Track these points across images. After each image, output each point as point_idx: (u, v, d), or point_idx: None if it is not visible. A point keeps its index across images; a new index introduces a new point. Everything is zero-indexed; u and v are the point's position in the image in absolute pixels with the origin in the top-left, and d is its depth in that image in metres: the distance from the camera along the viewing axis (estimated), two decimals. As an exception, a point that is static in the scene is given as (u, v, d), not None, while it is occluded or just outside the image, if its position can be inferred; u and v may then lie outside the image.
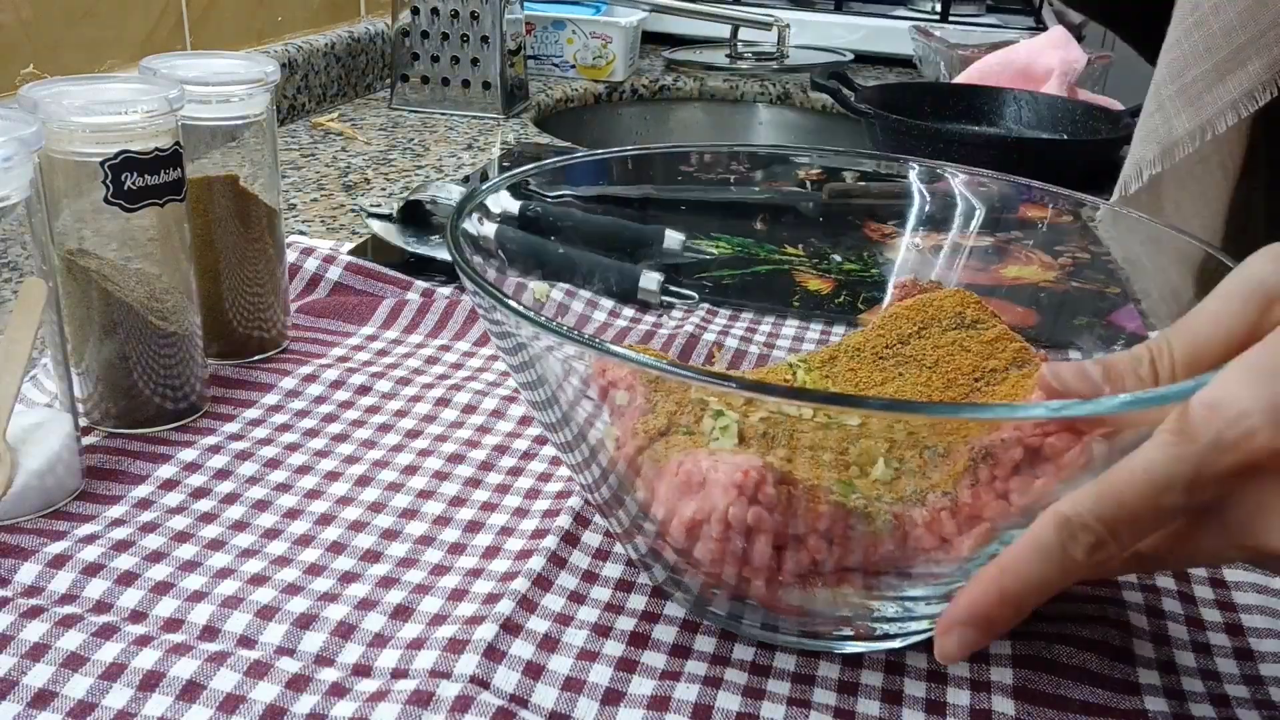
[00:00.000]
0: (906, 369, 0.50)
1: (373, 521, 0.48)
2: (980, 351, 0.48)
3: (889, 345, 0.51)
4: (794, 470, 0.42)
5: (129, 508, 0.48)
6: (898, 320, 0.52)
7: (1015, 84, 1.23)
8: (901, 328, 0.51)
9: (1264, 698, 0.41)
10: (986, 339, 0.49)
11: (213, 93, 0.56)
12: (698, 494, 0.39)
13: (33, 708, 0.37)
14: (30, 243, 0.46)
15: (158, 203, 0.50)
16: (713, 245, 0.71)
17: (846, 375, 0.51)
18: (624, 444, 0.46)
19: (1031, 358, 0.48)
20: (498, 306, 0.37)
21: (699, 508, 0.39)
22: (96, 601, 0.42)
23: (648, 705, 0.39)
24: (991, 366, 0.47)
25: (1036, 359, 0.48)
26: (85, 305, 0.51)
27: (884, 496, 0.41)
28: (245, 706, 0.37)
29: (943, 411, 0.38)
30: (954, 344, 0.49)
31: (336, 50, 1.24)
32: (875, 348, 0.51)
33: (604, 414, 0.41)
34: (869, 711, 0.39)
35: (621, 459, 0.46)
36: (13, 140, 0.43)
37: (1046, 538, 0.33)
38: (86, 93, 0.49)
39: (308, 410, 0.57)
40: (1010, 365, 0.47)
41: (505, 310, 0.37)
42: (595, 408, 0.40)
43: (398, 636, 0.41)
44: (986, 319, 0.50)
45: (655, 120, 1.49)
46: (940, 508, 0.40)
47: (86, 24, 0.90)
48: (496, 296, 0.37)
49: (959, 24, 1.68)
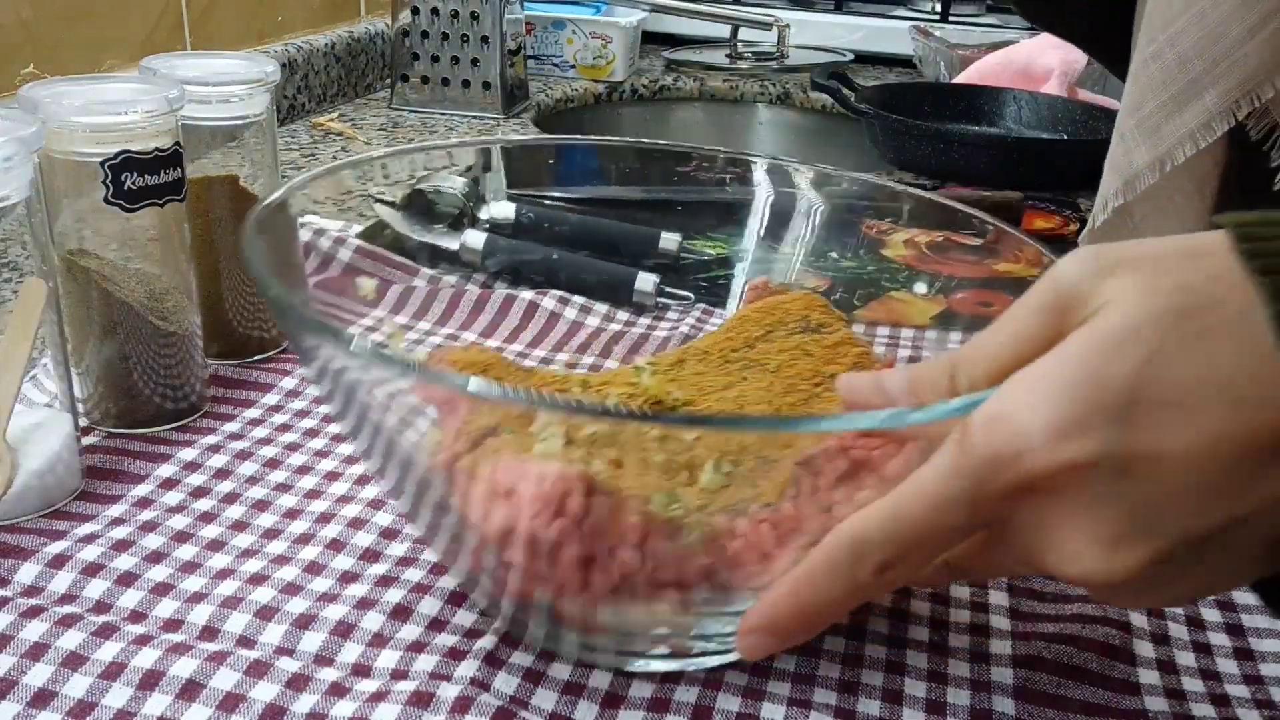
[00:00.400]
0: (751, 373, 0.50)
1: (372, 519, 0.48)
2: (822, 356, 0.49)
3: (735, 349, 0.51)
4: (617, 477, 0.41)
5: (129, 507, 0.48)
6: (746, 323, 0.52)
7: (1015, 84, 1.23)
8: (749, 331, 0.52)
9: (1264, 698, 0.41)
10: (829, 344, 0.49)
11: (213, 93, 0.56)
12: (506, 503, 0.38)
13: (33, 707, 0.37)
14: (30, 243, 0.46)
15: (158, 203, 0.50)
16: (709, 245, 0.71)
17: (692, 379, 0.51)
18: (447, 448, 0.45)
19: (872, 364, 0.48)
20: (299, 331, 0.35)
21: (506, 517, 0.38)
22: (96, 601, 0.42)
23: (648, 707, 0.39)
24: (831, 372, 0.47)
25: (877, 365, 0.48)
26: (85, 305, 0.51)
27: (708, 505, 0.40)
28: (245, 706, 0.37)
29: (688, 423, 0.37)
30: (797, 348, 0.49)
31: (336, 50, 1.24)
32: (723, 350, 0.51)
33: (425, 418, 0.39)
34: (869, 711, 0.39)
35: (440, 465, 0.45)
36: (13, 140, 0.43)
37: (837, 557, 0.32)
38: (86, 93, 0.49)
39: (308, 410, 0.57)
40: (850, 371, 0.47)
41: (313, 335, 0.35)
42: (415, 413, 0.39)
43: (397, 637, 0.41)
44: (831, 323, 0.51)
45: (655, 120, 1.49)
46: (761, 519, 0.39)
47: (86, 24, 0.90)
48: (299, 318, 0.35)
49: (959, 24, 1.67)
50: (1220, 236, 0.30)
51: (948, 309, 0.61)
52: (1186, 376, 0.28)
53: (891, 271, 0.65)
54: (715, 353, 0.52)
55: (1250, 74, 0.47)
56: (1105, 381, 0.29)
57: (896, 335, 0.59)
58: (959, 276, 0.60)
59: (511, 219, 0.76)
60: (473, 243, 0.73)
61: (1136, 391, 0.29)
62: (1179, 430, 0.28)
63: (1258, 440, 0.28)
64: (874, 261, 0.63)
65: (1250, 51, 0.46)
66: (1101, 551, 0.30)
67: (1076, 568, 0.30)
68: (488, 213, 0.76)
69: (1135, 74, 0.51)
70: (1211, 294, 0.29)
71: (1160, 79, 0.49)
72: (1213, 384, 0.28)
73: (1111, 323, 0.29)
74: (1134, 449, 0.29)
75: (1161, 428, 0.28)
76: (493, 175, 0.77)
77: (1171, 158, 0.50)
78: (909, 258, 0.66)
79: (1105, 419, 0.29)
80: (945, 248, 0.62)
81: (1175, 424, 0.28)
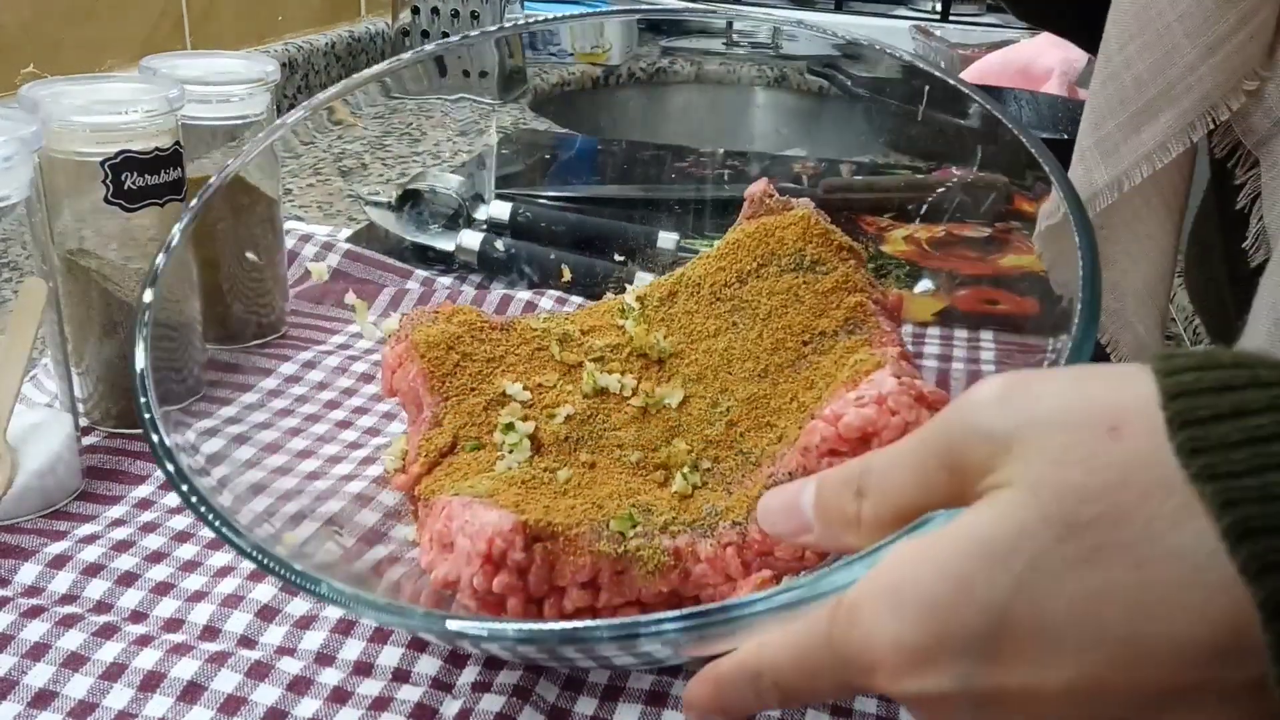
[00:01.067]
0: (740, 318, 0.48)
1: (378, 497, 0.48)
2: (813, 305, 0.47)
3: (727, 283, 0.50)
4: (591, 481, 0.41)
5: (129, 508, 0.48)
6: (739, 251, 0.50)
7: (1015, 84, 1.23)
8: (742, 261, 0.50)
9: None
10: (823, 288, 0.48)
11: (213, 92, 0.56)
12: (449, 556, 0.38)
13: (33, 708, 0.37)
14: (30, 243, 0.46)
15: (158, 202, 0.50)
16: (706, 244, 0.71)
17: (682, 319, 0.50)
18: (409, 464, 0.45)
19: (866, 318, 0.46)
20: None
21: (450, 570, 0.38)
22: (97, 601, 0.42)
23: (646, 700, 0.39)
24: (821, 328, 0.46)
25: (871, 320, 0.46)
26: (85, 305, 0.51)
27: (675, 520, 0.40)
28: (246, 709, 0.37)
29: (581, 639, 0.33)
30: (789, 292, 0.48)
31: (337, 50, 1.24)
32: (714, 285, 0.50)
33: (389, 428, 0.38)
34: (867, 710, 0.39)
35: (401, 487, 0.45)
36: (13, 140, 0.43)
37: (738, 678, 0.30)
38: (86, 93, 0.49)
39: (307, 396, 0.56)
40: (840, 329, 0.46)
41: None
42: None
43: (398, 634, 0.41)
44: (828, 258, 0.49)
45: (652, 104, 1.48)
46: (728, 542, 0.39)
47: (86, 24, 0.90)
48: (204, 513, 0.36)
49: (959, 24, 1.67)
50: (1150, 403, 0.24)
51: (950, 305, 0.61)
52: (1073, 605, 0.24)
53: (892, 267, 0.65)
54: (706, 287, 0.50)
55: (1205, 95, 0.47)
56: (971, 606, 0.25)
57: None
58: (962, 273, 0.60)
59: (507, 219, 0.76)
60: (469, 243, 0.73)
61: (1007, 619, 0.24)
62: (1058, 666, 0.24)
63: (1169, 685, 0.23)
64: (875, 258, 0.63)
65: (1205, 74, 0.47)
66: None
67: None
68: (484, 212, 0.76)
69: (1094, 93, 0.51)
70: (1125, 500, 0.24)
71: (1118, 99, 0.50)
72: (1109, 620, 0.23)
73: (996, 523, 0.25)
74: (998, 684, 0.25)
75: (1037, 662, 0.24)
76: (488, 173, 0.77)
77: (1129, 178, 0.50)
78: (910, 253, 0.66)
79: (964, 651, 0.25)
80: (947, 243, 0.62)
81: (1054, 658, 0.24)
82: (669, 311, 0.51)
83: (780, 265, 0.49)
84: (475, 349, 0.48)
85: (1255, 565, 0.22)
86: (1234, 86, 0.47)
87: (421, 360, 0.47)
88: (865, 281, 0.49)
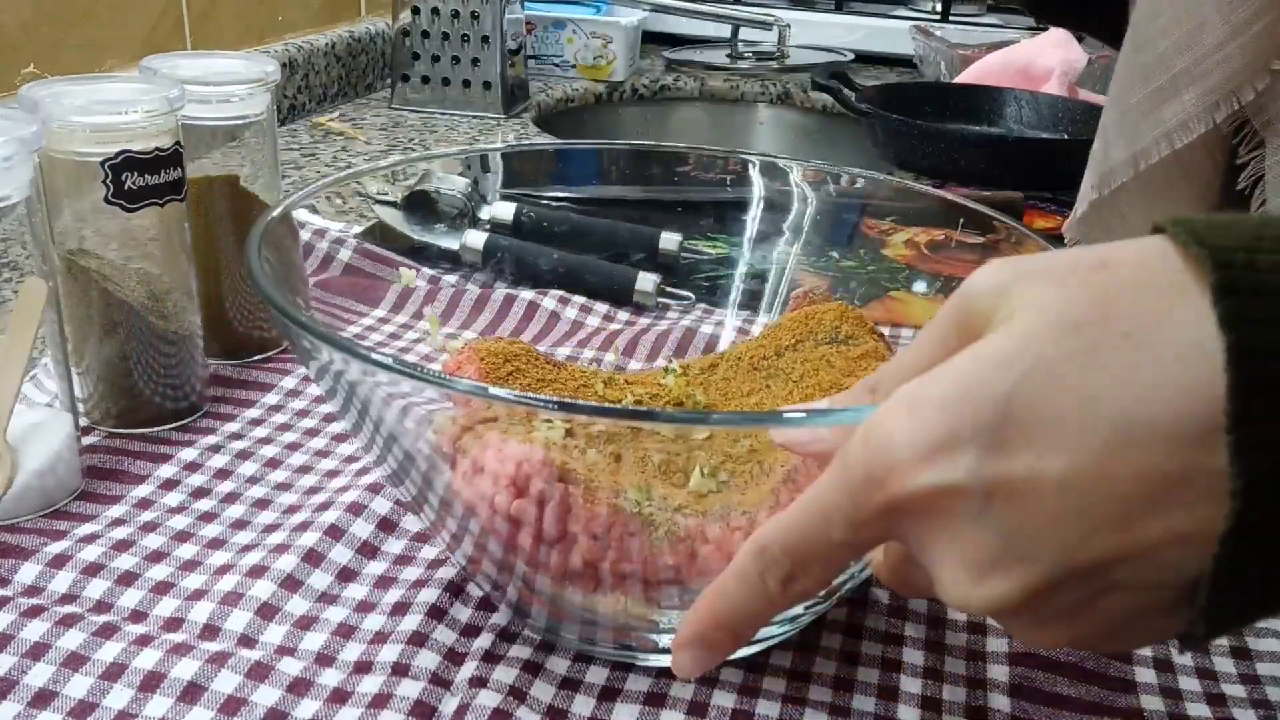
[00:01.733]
0: (774, 381, 0.51)
1: (370, 506, 0.48)
2: (843, 368, 0.49)
3: (766, 356, 0.52)
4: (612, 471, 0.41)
5: (129, 507, 0.48)
6: (780, 331, 0.53)
7: (1015, 84, 1.23)
8: (781, 339, 0.53)
9: (1260, 697, 0.42)
10: (854, 355, 0.50)
11: (213, 92, 0.56)
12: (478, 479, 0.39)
13: (33, 707, 0.37)
14: (30, 243, 0.46)
15: (158, 202, 0.50)
16: (709, 245, 0.71)
17: (720, 384, 0.52)
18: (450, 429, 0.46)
19: None
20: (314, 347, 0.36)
21: (475, 492, 0.39)
22: (97, 601, 0.42)
23: (643, 701, 0.39)
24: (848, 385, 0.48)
25: None
26: (85, 305, 0.51)
27: (685, 508, 0.41)
28: (247, 709, 0.37)
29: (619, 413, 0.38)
30: (821, 359, 0.50)
31: (337, 50, 1.24)
32: (754, 358, 0.53)
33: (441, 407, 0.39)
34: (864, 708, 0.40)
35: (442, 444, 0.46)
36: (13, 140, 0.43)
37: (747, 567, 0.31)
38: (86, 93, 0.49)
39: (308, 410, 0.57)
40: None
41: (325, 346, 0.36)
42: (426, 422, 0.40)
43: (398, 630, 0.41)
44: (861, 335, 0.51)
45: (655, 120, 1.49)
46: (736, 527, 0.40)
47: (86, 24, 0.90)
48: (310, 332, 0.36)
49: (959, 24, 1.67)
50: (1150, 241, 0.27)
51: None
52: (1074, 394, 0.25)
53: (892, 271, 0.65)
54: (746, 359, 0.53)
55: (1231, 74, 0.46)
56: (980, 398, 0.26)
57: (897, 335, 0.59)
58: (960, 277, 0.60)
59: (511, 219, 0.76)
60: (473, 243, 0.73)
61: (1012, 409, 0.26)
62: (1058, 453, 0.25)
63: (1157, 474, 0.25)
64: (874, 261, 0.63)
65: (1233, 52, 0.45)
66: (970, 578, 0.27)
67: (953, 594, 0.28)
68: (488, 213, 0.77)
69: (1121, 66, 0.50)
70: (1120, 302, 0.26)
71: (1142, 72, 0.48)
72: (1107, 404, 0.25)
73: (1002, 337, 0.27)
74: (1004, 472, 0.26)
75: (1038, 449, 0.26)
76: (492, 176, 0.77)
77: (1146, 156, 0.49)
78: (909, 257, 0.66)
79: (974, 440, 0.26)
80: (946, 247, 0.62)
81: (1055, 445, 0.25)
82: (709, 378, 0.53)
83: (816, 339, 0.52)
84: (528, 369, 0.50)
85: (1231, 319, 0.24)
86: (1261, 67, 0.45)
87: (480, 362, 0.49)
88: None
